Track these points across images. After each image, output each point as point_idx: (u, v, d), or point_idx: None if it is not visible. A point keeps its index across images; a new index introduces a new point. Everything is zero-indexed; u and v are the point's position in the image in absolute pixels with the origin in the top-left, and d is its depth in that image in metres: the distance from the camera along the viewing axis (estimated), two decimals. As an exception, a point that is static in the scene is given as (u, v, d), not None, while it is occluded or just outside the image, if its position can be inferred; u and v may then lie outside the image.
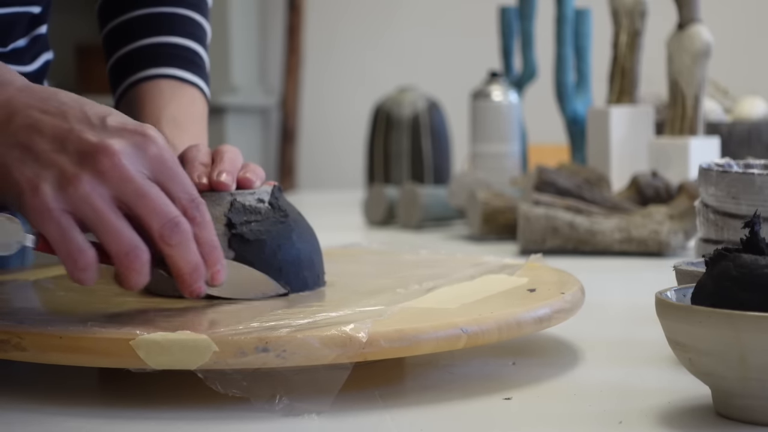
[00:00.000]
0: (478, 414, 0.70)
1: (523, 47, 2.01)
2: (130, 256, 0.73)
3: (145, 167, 0.74)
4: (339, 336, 0.69)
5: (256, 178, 0.87)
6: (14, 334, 0.70)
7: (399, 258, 1.05)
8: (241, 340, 0.68)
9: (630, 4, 1.73)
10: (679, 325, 0.65)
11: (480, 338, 0.73)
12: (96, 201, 0.72)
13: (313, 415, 0.68)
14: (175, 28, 1.10)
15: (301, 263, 0.85)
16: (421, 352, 0.72)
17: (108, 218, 0.72)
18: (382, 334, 0.70)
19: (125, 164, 0.73)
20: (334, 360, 0.68)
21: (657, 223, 1.38)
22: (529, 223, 1.40)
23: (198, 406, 0.71)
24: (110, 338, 0.69)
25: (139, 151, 0.74)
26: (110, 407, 0.72)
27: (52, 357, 0.70)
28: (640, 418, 0.68)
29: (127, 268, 0.73)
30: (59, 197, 0.72)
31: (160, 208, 0.74)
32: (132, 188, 0.73)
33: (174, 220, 0.74)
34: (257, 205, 0.85)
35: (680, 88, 1.65)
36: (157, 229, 0.74)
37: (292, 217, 0.86)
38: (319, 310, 0.76)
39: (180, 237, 0.74)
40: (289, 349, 0.68)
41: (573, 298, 0.82)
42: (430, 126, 2.11)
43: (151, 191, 0.74)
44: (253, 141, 4.00)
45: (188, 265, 0.75)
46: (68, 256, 0.72)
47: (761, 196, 0.90)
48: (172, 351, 0.68)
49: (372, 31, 3.89)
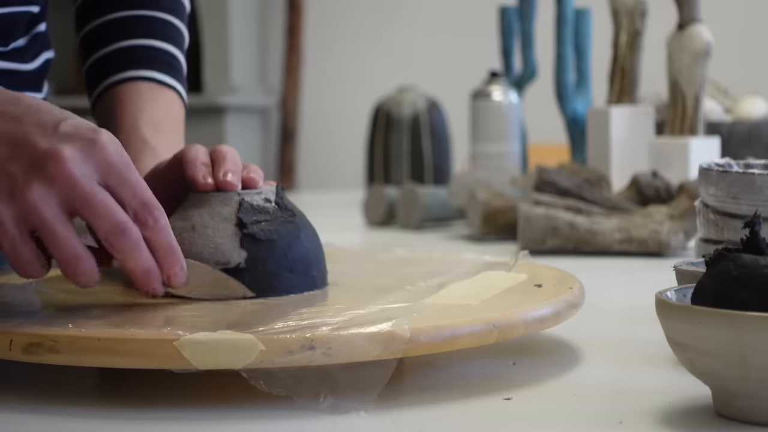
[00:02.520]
0: (478, 414, 0.70)
1: (523, 47, 2.01)
2: (71, 264, 0.74)
3: (95, 172, 0.74)
4: (382, 333, 0.69)
5: (259, 177, 0.87)
6: (47, 337, 0.69)
7: (378, 257, 1.05)
8: (287, 339, 0.67)
9: (630, 3, 1.73)
10: (679, 325, 0.65)
11: (509, 333, 0.74)
12: (43, 210, 0.73)
13: (360, 413, 0.68)
14: (152, 31, 1.10)
15: (310, 262, 0.85)
16: (457, 348, 0.72)
17: (53, 228, 0.73)
18: (420, 330, 0.70)
19: (72, 169, 0.73)
20: (378, 356, 0.69)
21: (657, 223, 1.38)
22: (529, 223, 1.40)
23: (198, 406, 0.71)
24: (153, 339, 0.68)
25: (87, 156, 0.74)
26: (110, 407, 0.72)
27: (89, 359, 0.69)
28: (640, 418, 0.68)
29: (73, 274, 0.74)
30: (10, 207, 0.73)
31: (105, 213, 0.74)
32: (78, 193, 0.73)
33: (120, 226, 0.74)
34: (265, 204, 0.84)
35: (680, 88, 1.65)
36: (103, 235, 0.74)
37: (299, 217, 0.86)
38: (344, 309, 0.76)
39: (126, 242, 0.74)
40: (334, 347, 0.68)
41: (580, 293, 0.84)
42: (430, 126, 2.11)
43: (97, 197, 0.74)
44: (253, 141, 4.00)
45: (139, 268, 0.76)
46: (17, 265, 0.75)
47: (761, 196, 0.90)
48: (218, 351, 0.67)
49: (372, 31, 3.89)
